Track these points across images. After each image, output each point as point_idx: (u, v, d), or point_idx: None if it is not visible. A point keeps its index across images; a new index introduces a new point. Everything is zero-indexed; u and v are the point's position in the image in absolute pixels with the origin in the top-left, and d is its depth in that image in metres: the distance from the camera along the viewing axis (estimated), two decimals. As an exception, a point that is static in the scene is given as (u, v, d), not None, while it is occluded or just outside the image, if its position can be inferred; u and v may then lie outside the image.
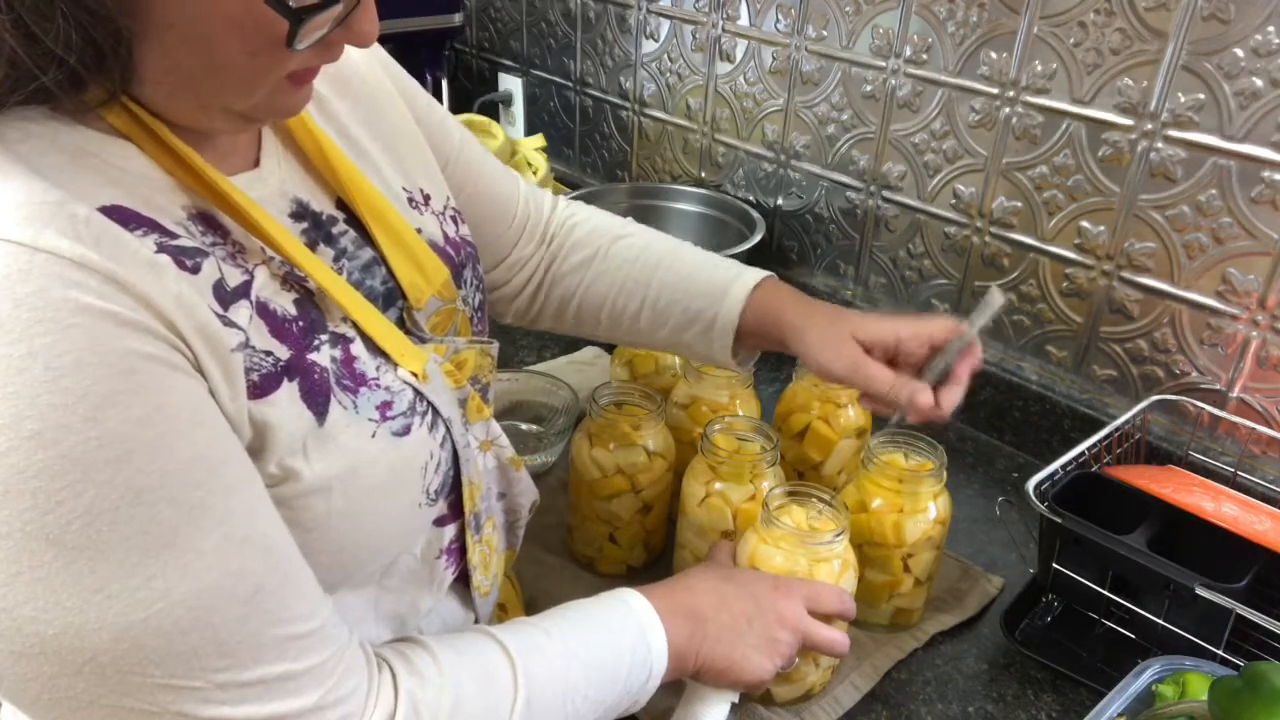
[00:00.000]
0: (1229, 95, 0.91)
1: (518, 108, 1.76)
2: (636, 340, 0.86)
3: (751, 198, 1.40)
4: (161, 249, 0.46)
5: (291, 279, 0.54)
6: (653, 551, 0.94)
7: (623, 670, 0.64)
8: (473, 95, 1.80)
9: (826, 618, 0.73)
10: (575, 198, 1.39)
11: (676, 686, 0.77)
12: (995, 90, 1.08)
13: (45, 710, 0.45)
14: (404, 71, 0.74)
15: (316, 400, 0.53)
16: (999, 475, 1.11)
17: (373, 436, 0.55)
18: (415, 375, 0.59)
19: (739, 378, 0.95)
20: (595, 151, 1.67)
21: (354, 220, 0.61)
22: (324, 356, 0.54)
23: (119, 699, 0.45)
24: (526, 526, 0.97)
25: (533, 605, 0.88)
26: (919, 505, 0.82)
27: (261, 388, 0.50)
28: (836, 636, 0.73)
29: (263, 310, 0.52)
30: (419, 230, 0.65)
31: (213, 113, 0.50)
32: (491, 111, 1.76)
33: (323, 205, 0.60)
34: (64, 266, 0.42)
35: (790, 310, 0.78)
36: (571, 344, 1.30)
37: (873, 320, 0.76)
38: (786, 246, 1.38)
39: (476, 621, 0.72)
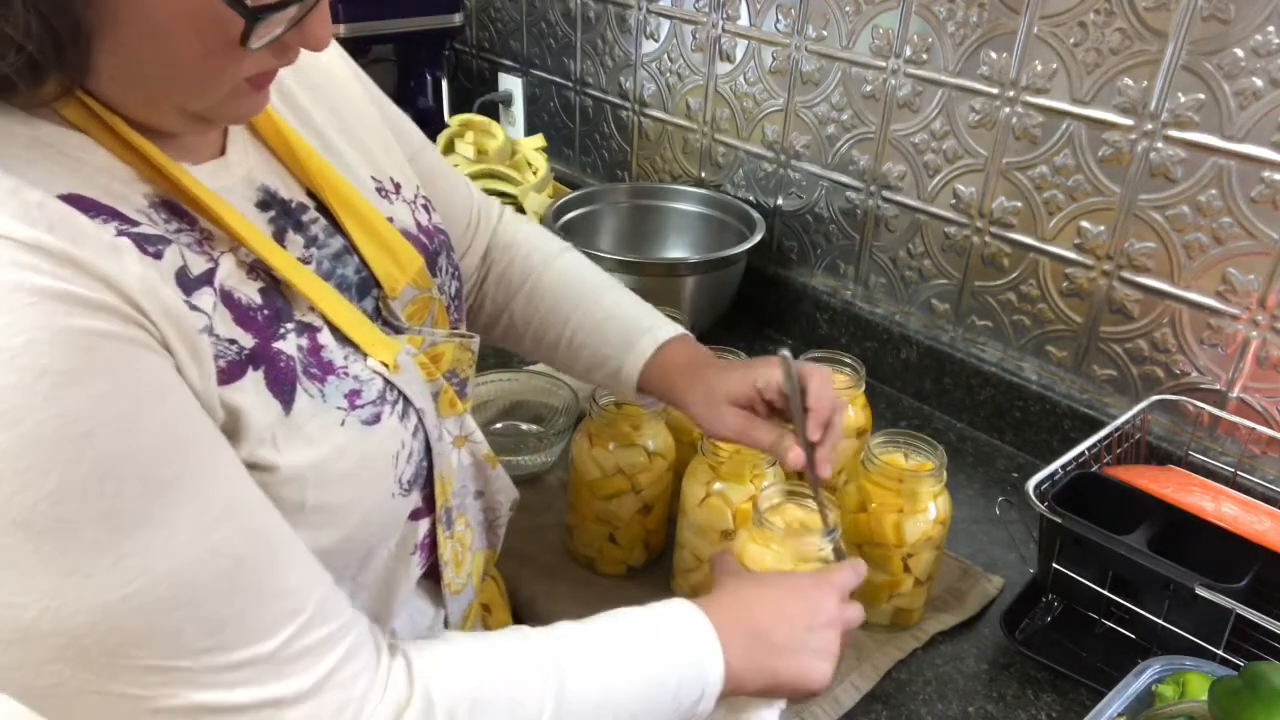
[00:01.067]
0: (1229, 95, 0.91)
1: (518, 108, 1.76)
2: (559, 368, 0.88)
3: (751, 198, 1.40)
4: (122, 234, 0.46)
5: (258, 267, 0.54)
6: (653, 551, 0.94)
7: (669, 690, 0.61)
8: (473, 95, 1.80)
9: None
10: (575, 198, 1.40)
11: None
12: (995, 90, 1.08)
13: (37, 699, 0.45)
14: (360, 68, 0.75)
15: (282, 389, 0.52)
16: (999, 475, 1.11)
17: (341, 425, 0.55)
18: (385, 365, 0.58)
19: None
20: (595, 151, 1.67)
21: (324, 209, 0.61)
22: (290, 345, 0.54)
23: (106, 683, 0.44)
24: (528, 527, 0.96)
25: (532, 605, 0.88)
26: (919, 505, 0.82)
27: (228, 374, 0.50)
28: (860, 614, 0.73)
29: (227, 299, 0.51)
30: (391, 219, 0.65)
31: (165, 111, 0.50)
32: (491, 111, 1.76)
33: (292, 193, 0.60)
34: (16, 250, 0.41)
35: (680, 378, 0.81)
36: (571, 344, 1.30)
37: (736, 378, 0.78)
38: (786, 246, 1.38)
39: (446, 620, 0.71)
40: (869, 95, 1.20)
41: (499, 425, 1.10)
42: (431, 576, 0.68)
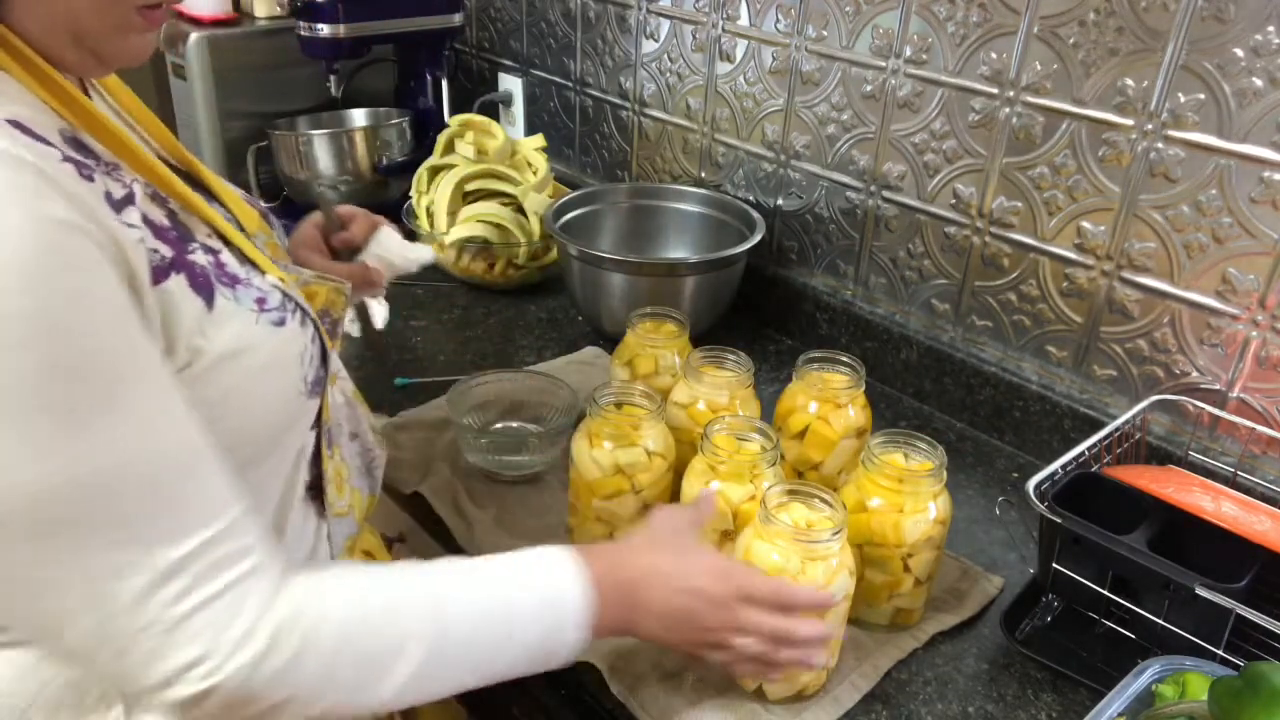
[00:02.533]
0: (1229, 95, 0.91)
1: (518, 108, 1.76)
2: None
3: (751, 198, 1.40)
4: (65, 158, 0.51)
5: (158, 199, 0.59)
6: (653, 551, 0.94)
7: (528, 649, 0.66)
8: (473, 95, 1.80)
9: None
10: (575, 198, 1.40)
11: (674, 684, 0.77)
12: (995, 90, 1.08)
13: None
14: None
15: (201, 290, 0.58)
16: (999, 475, 1.11)
17: (256, 323, 0.62)
18: (282, 280, 0.65)
19: (739, 377, 0.95)
20: (595, 151, 1.67)
21: (176, 170, 0.67)
22: (200, 258, 0.59)
23: (21, 564, 0.49)
24: (528, 528, 0.97)
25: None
26: (919, 505, 0.82)
27: (155, 278, 0.55)
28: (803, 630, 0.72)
29: (145, 219, 0.56)
30: None
31: (65, 43, 0.54)
32: (491, 111, 1.75)
33: (150, 150, 0.66)
34: (5, 161, 0.47)
35: None
36: (571, 344, 1.30)
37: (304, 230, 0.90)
38: (786, 246, 1.38)
39: (330, 539, 0.75)
40: (869, 95, 1.20)
41: (499, 425, 1.10)
42: (315, 498, 0.73)
